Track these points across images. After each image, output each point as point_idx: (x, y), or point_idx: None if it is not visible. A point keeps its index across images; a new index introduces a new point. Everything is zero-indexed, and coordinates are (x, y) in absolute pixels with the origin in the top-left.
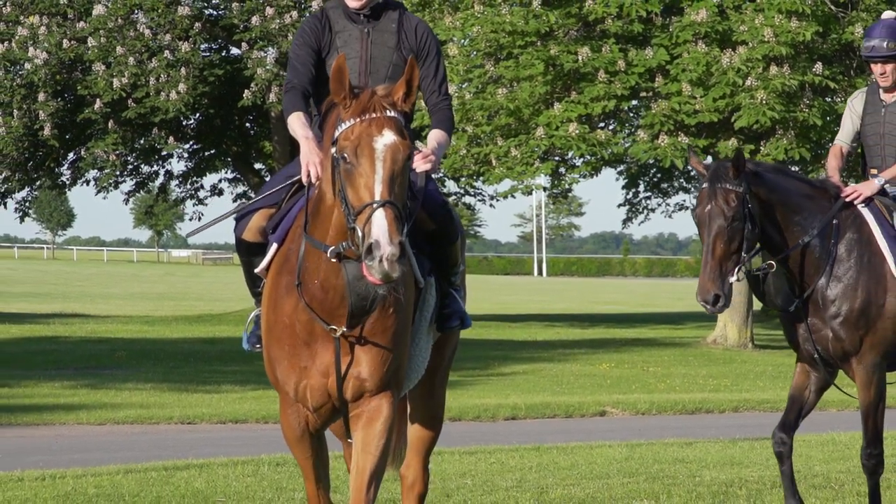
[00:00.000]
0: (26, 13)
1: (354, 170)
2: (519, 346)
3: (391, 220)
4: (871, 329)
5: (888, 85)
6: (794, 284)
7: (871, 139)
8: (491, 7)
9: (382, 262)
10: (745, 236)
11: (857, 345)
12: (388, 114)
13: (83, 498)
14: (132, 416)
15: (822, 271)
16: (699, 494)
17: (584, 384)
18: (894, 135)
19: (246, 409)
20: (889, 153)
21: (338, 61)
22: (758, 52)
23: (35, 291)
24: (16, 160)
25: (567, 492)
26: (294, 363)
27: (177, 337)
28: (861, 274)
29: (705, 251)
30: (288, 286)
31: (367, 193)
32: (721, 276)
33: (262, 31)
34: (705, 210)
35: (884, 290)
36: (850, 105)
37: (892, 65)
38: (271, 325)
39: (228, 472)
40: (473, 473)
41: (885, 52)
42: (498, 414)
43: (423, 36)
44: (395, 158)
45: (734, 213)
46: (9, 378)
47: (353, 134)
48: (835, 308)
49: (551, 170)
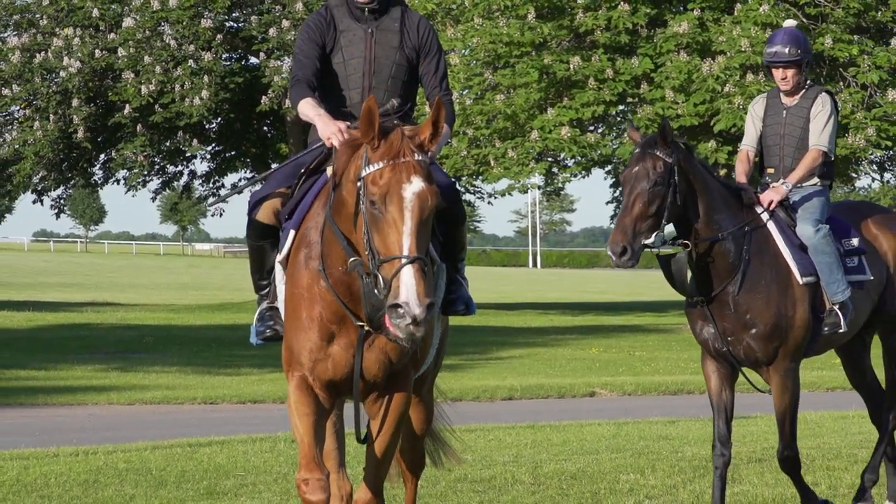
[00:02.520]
0: (61, 26)
1: (382, 217)
2: (515, 332)
3: (419, 280)
4: (784, 340)
5: (789, 89)
6: (700, 279)
7: (771, 140)
8: (489, 20)
9: (409, 325)
10: (665, 204)
11: (772, 355)
12: (416, 158)
13: (114, 472)
14: (159, 397)
15: (734, 277)
16: (681, 469)
17: (574, 367)
18: (794, 136)
19: (264, 391)
20: (788, 153)
21: (368, 103)
22: (735, 61)
23: (69, 282)
24: (52, 161)
25: (559, 466)
26: (313, 335)
27: (200, 324)
28: (771, 286)
29: (623, 209)
30: (307, 260)
31: (395, 246)
32: (634, 233)
33: (279, 41)
34: (632, 171)
35: (793, 302)
36: (752, 110)
37: (793, 70)
38: (289, 296)
39: (247, 448)
40: (473, 449)
41: (787, 57)
42: (496, 395)
43: (425, 33)
44: (423, 207)
45: (658, 178)
46: (45, 362)
47: (382, 179)
48: (748, 319)
49: (545, 170)
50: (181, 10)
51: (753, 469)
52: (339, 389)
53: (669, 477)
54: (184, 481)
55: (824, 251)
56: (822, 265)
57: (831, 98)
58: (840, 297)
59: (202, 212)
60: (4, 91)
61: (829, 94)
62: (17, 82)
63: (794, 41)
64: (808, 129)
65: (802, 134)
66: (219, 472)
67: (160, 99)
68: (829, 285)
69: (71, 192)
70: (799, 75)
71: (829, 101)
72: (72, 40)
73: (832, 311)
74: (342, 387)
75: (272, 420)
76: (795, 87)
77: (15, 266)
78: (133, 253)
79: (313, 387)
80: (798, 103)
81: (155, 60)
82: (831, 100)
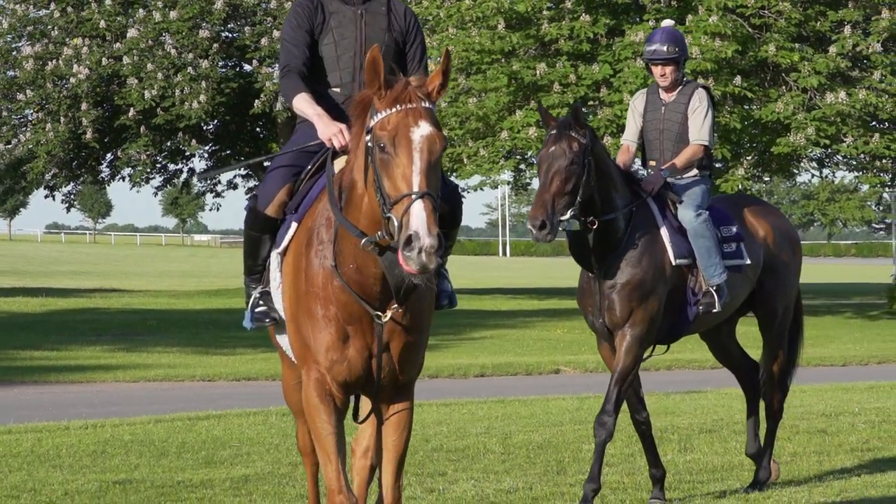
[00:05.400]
0: (71, 36)
1: (391, 160)
2: (486, 315)
3: (430, 212)
4: (641, 305)
5: (667, 85)
6: (597, 254)
7: (651, 134)
8: (463, 30)
9: (421, 253)
10: (580, 182)
11: (627, 316)
12: (423, 104)
13: (120, 443)
14: (161, 375)
15: (618, 251)
16: (637, 439)
17: (541, 347)
18: (672, 130)
19: (257, 369)
20: (667, 147)
21: (372, 52)
22: (687, 67)
23: (79, 270)
24: (62, 159)
25: (527, 437)
26: (331, 334)
27: (198, 308)
28: (643, 257)
29: (541, 186)
30: (321, 259)
31: (404, 184)
32: (553, 209)
33: (270, 50)
34: (548, 150)
35: (658, 273)
36: (633, 105)
37: (672, 67)
38: (302, 294)
39: (242, 422)
40: (448, 422)
41: (666, 55)
42: (469, 372)
43: (411, 21)
44: (431, 149)
45: (574, 157)
46: (57, 343)
47: (390, 124)
48: (612, 281)
49: (514, 167)
50: (181, 22)
51: (704, 439)
52: (353, 389)
53: (627, 446)
54: (184, 451)
55: (703, 235)
56: (701, 249)
57: (707, 93)
58: (717, 279)
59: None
60: (19, 96)
61: (706, 90)
62: (31, 88)
63: (672, 40)
64: (686, 123)
65: (680, 128)
66: (216, 443)
67: (162, 103)
68: (707, 268)
69: (80, 188)
70: (676, 72)
71: (705, 96)
72: (81, 49)
73: (708, 292)
74: (355, 387)
75: (265, 395)
76: (673, 84)
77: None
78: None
79: (330, 387)
80: (676, 99)
81: (157, 67)
82: (707, 95)
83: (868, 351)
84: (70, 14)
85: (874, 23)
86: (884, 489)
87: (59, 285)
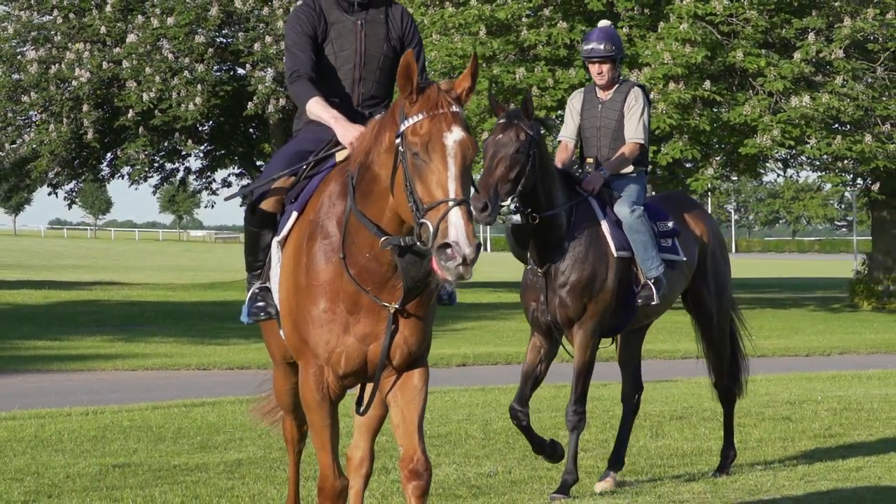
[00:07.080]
0: (73, 41)
1: (426, 166)
2: (468, 307)
3: (467, 221)
4: (593, 299)
5: (604, 83)
6: (538, 249)
7: (588, 132)
8: (446, 36)
9: (460, 265)
10: (524, 172)
11: (581, 312)
12: (453, 109)
13: (119, 429)
14: (158, 364)
15: (562, 246)
16: (612, 426)
17: (520, 337)
18: (609, 128)
19: (250, 358)
20: (604, 144)
21: (406, 58)
22: (659, 71)
23: (80, 264)
24: (65, 158)
25: (506, 424)
26: (332, 328)
27: (194, 300)
28: (589, 252)
29: (486, 170)
30: (326, 253)
31: (439, 190)
32: (495, 192)
33: (263, 55)
34: (496, 138)
35: (606, 268)
36: (570, 104)
37: (608, 65)
38: (302, 288)
39: (235, 409)
40: (431, 409)
41: (602, 53)
42: (451, 361)
43: (408, 25)
44: (465, 155)
45: (520, 146)
46: (59, 333)
47: (423, 129)
48: (564, 278)
49: None
50: (178, 28)
51: (675, 426)
52: (351, 379)
53: (602, 433)
54: (180, 437)
55: (639, 230)
56: (638, 243)
57: (643, 92)
58: (654, 272)
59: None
60: (24, 98)
61: (641, 88)
62: (35, 90)
63: (609, 39)
64: (623, 121)
65: (617, 126)
66: (210, 429)
67: (159, 104)
68: (644, 262)
69: (81, 185)
70: (613, 70)
71: (641, 95)
72: (82, 54)
73: (646, 285)
74: (353, 377)
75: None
76: (610, 82)
77: (33, 250)
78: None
79: (327, 377)
80: (612, 97)
81: (155, 71)
82: (643, 94)
83: (830, 342)
84: (72, 20)
85: (837, 30)
86: (845, 473)
87: (61, 278)
